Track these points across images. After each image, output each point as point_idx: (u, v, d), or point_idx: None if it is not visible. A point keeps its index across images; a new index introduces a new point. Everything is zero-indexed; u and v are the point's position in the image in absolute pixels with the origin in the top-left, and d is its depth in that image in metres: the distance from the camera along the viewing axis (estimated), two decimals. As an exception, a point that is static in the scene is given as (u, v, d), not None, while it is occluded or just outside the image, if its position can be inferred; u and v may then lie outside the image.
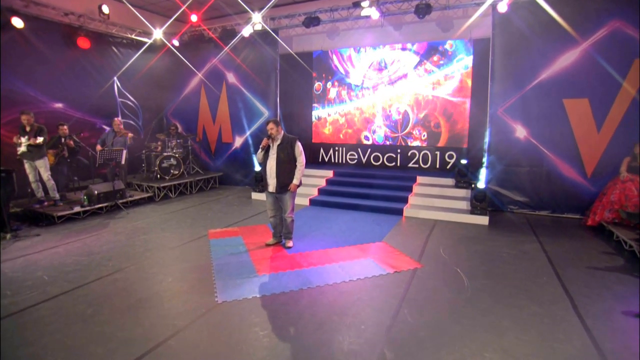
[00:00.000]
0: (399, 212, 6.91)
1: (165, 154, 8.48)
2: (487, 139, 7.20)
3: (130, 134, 7.91)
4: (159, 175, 8.38)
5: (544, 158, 6.81)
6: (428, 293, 3.83)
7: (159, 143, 8.77)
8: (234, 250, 5.01)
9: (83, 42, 8.02)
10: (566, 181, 6.70)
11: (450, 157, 8.41)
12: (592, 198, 6.47)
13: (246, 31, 8.44)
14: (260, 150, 4.89)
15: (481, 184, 6.51)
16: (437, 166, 8.53)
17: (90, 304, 3.53)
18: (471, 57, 7.96)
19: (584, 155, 6.56)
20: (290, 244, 5.14)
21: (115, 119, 7.70)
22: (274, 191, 4.84)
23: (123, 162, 7.32)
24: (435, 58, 8.28)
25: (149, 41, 9.37)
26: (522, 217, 6.84)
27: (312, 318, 3.31)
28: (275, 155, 4.80)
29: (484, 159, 7.07)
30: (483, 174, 6.74)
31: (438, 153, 8.51)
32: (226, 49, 9.10)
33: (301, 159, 4.85)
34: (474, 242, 5.46)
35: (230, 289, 3.84)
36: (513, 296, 3.76)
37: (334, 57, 9.29)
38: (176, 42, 9.34)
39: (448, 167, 8.42)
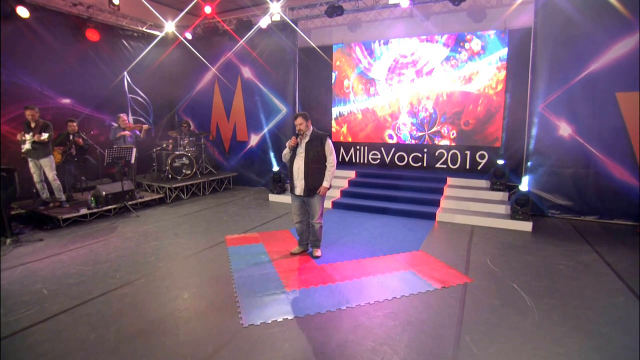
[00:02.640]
0: (432, 217, 6.32)
1: (177, 152, 8.00)
2: (527, 138, 6.59)
3: (145, 126, 7.46)
4: (170, 175, 7.91)
5: (591, 158, 6.16)
6: (487, 314, 3.25)
7: (171, 141, 8.30)
8: (255, 259, 4.48)
9: (92, 34, 7.59)
10: (617, 184, 6.05)
11: (482, 157, 7.79)
12: (648, 203, 5.83)
13: (264, 22, 7.93)
14: (287, 149, 4.35)
15: (524, 187, 5.89)
16: (468, 167, 7.91)
17: (94, 326, 3.02)
18: (506, 49, 7.34)
19: (639, 155, 5.90)
20: (318, 253, 4.60)
21: (121, 115, 7.24)
22: (302, 194, 4.30)
23: (133, 160, 6.85)
24: (465, 51, 7.67)
25: (161, 34, 8.92)
26: (567, 222, 6.21)
27: (358, 347, 2.76)
28: (303, 154, 4.26)
29: (529, 160, 6.42)
30: (525, 175, 6.13)
31: (468, 153, 7.90)
32: (242, 42, 8.61)
33: (332, 158, 4.31)
34: (521, 251, 4.86)
35: (256, 309, 3.30)
36: (591, 321, 3.16)
37: (356, 50, 8.73)
38: (189, 35, 8.87)
39: (479, 167, 7.80)
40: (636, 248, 4.98)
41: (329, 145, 4.31)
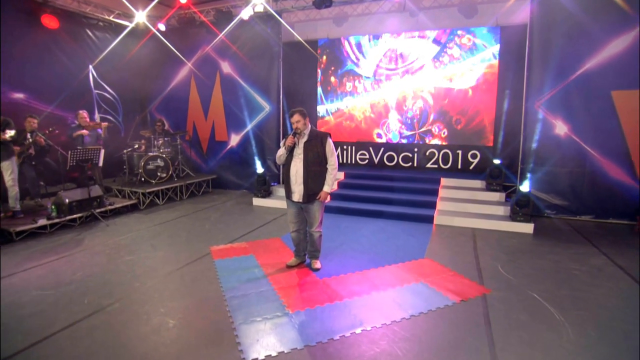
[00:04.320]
0: (429, 220, 6.01)
1: (150, 154, 7.27)
2: (523, 137, 6.43)
3: (104, 124, 6.68)
4: (143, 179, 7.17)
5: (587, 157, 6.07)
6: (518, 332, 2.91)
7: (143, 142, 7.56)
8: (248, 275, 3.95)
9: (49, 21, 6.74)
10: (612, 183, 5.98)
11: (474, 156, 7.60)
12: (643, 202, 5.79)
13: (245, 13, 7.35)
14: (283, 149, 3.86)
15: (524, 188, 5.70)
16: (460, 166, 7.70)
17: (57, 372, 2.42)
18: (498, 45, 7.17)
19: (634, 154, 5.85)
20: (318, 264, 4.14)
21: (80, 111, 6.43)
22: (300, 201, 3.82)
23: (101, 163, 6.11)
24: (457, 47, 7.45)
25: (131, 25, 8.13)
26: (564, 223, 6.08)
27: (386, 384, 2.33)
28: (302, 156, 3.79)
29: (529, 160, 6.24)
30: (525, 175, 5.95)
31: (460, 152, 7.69)
32: (221, 35, 7.98)
33: (333, 159, 3.86)
34: (530, 255, 4.62)
35: (257, 338, 2.79)
36: (629, 335, 2.89)
37: (344, 46, 8.33)
38: (162, 27, 8.13)
39: (471, 167, 7.61)
40: (641, 249, 4.88)
41: (330, 145, 3.86)
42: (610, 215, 6.10)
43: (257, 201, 7.29)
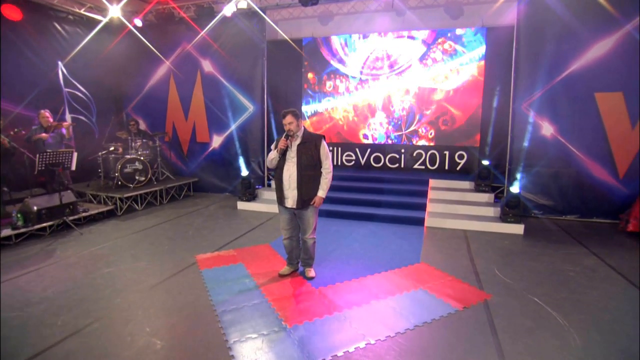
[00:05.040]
0: (420, 222, 5.93)
1: (128, 156, 6.86)
2: (510, 138, 6.47)
3: (66, 123, 6.20)
4: (120, 183, 6.75)
5: (572, 158, 6.16)
6: (526, 340, 2.82)
7: (120, 144, 7.13)
8: (239, 286, 3.71)
9: (11, 12, 6.20)
10: (596, 182, 6.10)
11: (461, 157, 7.60)
12: (624, 201, 5.92)
13: (228, 9, 7.06)
14: (274, 152, 3.65)
15: (515, 189, 5.71)
16: (447, 167, 7.68)
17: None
18: (484, 46, 7.20)
19: (616, 154, 5.98)
20: (312, 273, 3.94)
21: (42, 111, 5.91)
22: (294, 206, 3.62)
23: (74, 167, 5.68)
24: (443, 48, 7.43)
25: (104, 20, 7.66)
26: (552, 223, 6.15)
27: (398, 405, 2.17)
28: (295, 159, 3.59)
29: (520, 161, 6.25)
30: (516, 176, 5.97)
31: (447, 153, 7.67)
32: (202, 33, 7.64)
33: (328, 163, 3.69)
34: (523, 257, 4.60)
35: (256, 358, 2.57)
36: (633, 339, 2.85)
37: (329, 45, 8.17)
38: (139, 22, 7.70)
39: (458, 168, 7.61)
40: (629, 248, 4.96)
41: (325, 148, 3.68)
42: (594, 215, 6.22)
43: (242, 205, 7.01)
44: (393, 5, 7.23)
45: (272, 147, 3.76)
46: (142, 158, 6.97)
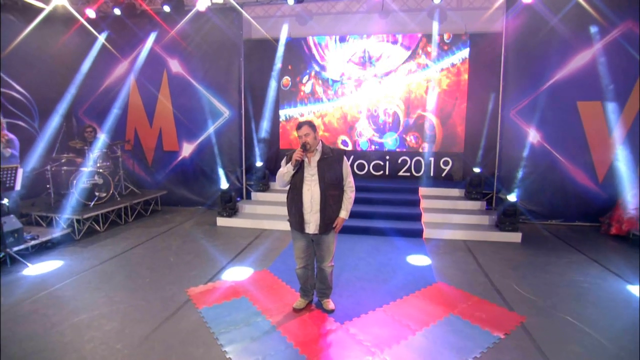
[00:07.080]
0: (418, 234, 5.72)
1: (84, 169, 5.87)
2: (499, 145, 6.50)
3: (2, 132, 5.09)
4: (76, 200, 5.74)
5: (557, 164, 6.32)
6: (583, 372, 2.64)
7: (72, 155, 6.09)
8: (252, 328, 3.15)
9: None
10: (579, 188, 6.31)
11: (446, 163, 7.56)
12: (603, 205, 6.18)
13: (202, 4, 6.33)
14: (287, 167, 3.14)
15: (512, 197, 5.69)
16: (432, 174, 7.59)
17: None
18: (467, 51, 7.20)
19: (596, 161, 6.24)
20: (331, 305, 3.49)
21: None
22: (316, 232, 3.15)
23: (18, 187, 4.67)
24: (426, 53, 7.33)
25: (47, 8, 6.54)
26: (541, 228, 6.24)
27: None
28: (316, 177, 3.12)
29: (519, 169, 6.27)
30: (511, 186, 5.99)
31: (432, 159, 7.59)
32: (172, 32, 6.83)
33: (351, 180, 3.28)
34: (533, 269, 4.54)
35: None
36: (683, 360, 2.78)
37: (308, 46, 7.72)
38: (91, 14, 6.67)
39: (444, 174, 7.55)
40: (620, 251, 5.12)
41: (347, 165, 3.27)
42: (576, 219, 6.43)
43: (222, 221, 6.33)
44: (383, 7, 6.96)
45: (283, 162, 3.26)
46: (102, 170, 6.02)
